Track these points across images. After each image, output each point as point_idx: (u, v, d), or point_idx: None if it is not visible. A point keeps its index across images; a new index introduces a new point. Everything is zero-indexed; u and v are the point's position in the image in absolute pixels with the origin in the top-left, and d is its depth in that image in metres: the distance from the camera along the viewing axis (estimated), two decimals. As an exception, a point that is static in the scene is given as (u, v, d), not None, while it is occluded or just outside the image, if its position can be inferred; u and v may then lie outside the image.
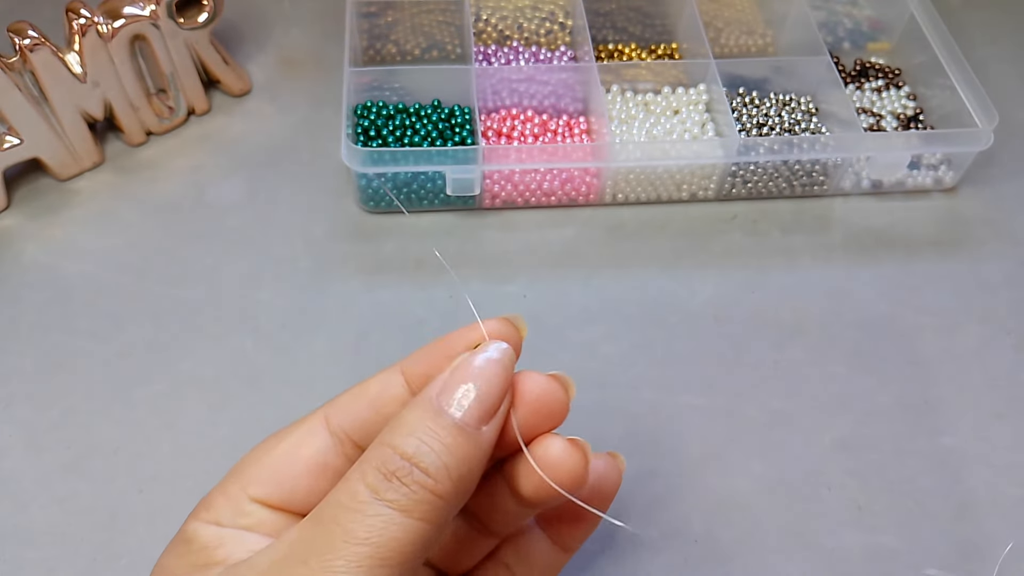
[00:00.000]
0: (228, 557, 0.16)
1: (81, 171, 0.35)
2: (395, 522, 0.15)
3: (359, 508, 0.15)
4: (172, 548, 0.17)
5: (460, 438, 0.15)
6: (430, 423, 0.15)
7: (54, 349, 0.29)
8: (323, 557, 0.14)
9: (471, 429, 0.15)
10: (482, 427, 0.16)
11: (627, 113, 0.36)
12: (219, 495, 0.17)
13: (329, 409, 0.18)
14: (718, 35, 0.40)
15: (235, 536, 0.17)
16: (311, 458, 0.17)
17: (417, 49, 0.39)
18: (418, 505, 0.15)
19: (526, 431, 0.17)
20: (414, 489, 0.15)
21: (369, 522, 0.15)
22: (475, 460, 0.15)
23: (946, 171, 0.35)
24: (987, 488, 0.27)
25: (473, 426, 0.15)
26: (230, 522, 0.17)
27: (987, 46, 0.41)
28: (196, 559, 0.16)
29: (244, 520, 0.17)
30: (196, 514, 0.17)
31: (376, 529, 0.15)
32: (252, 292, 0.31)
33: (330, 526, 0.15)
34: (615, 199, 0.35)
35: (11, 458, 0.27)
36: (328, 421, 0.18)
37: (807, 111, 0.37)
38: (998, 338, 0.31)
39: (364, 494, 0.15)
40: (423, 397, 0.16)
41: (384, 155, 0.32)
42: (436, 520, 0.15)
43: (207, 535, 0.17)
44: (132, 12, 0.32)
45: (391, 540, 0.15)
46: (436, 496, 0.15)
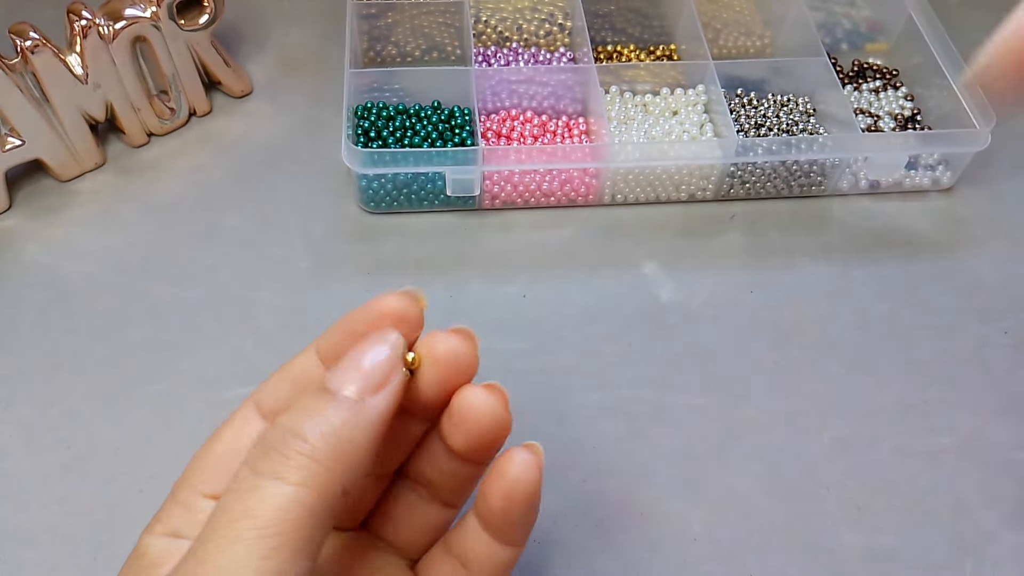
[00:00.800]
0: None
1: (82, 172, 0.35)
2: (273, 492, 0.15)
3: (238, 487, 0.15)
4: (126, 565, 0.17)
5: (341, 407, 0.16)
6: (312, 400, 0.16)
7: (54, 349, 0.30)
8: (224, 541, 0.15)
9: (351, 399, 0.16)
10: (366, 397, 0.16)
11: (626, 114, 0.36)
12: (171, 505, 0.18)
13: (258, 395, 0.19)
14: (716, 36, 0.40)
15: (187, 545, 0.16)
16: (250, 444, 0.17)
17: (417, 50, 0.39)
18: (294, 471, 0.15)
19: (445, 389, 0.18)
20: (288, 455, 0.15)
21: (247, 497, 0.15)
22: (357, 428, 0.16)
23: (943, 171, 0.35)
24: (986, 488, 0.27)
25: (354, 397, 0.16)
26: (188, 530, 0.17)
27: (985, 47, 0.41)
28: (147, 574, 0.16)
29: (199, 517, 0.17)
30: (150, 528, 0.17)
31: (254, 502, 0.15)
32: (252, 292, 0.31)
33: (217, 514, 0.15)
34: (614, 199, 0.35)
35: (11, 458, 0.27)
36: (259, 407, 0.18)
37: (805, 112, 0.37)
38: (996, 338, 0.31)
39: (244, 472, 0.15)
40: (316, 383, 0.17)
41: (384, 156, 0.32)
42: (318, 485, 0.15)
43: (158, 548, 0.17)
44: (133, 14, 0.32)
45: (272, 509, 0.15)
46: (313, 460, 0.15)
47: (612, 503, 0.27)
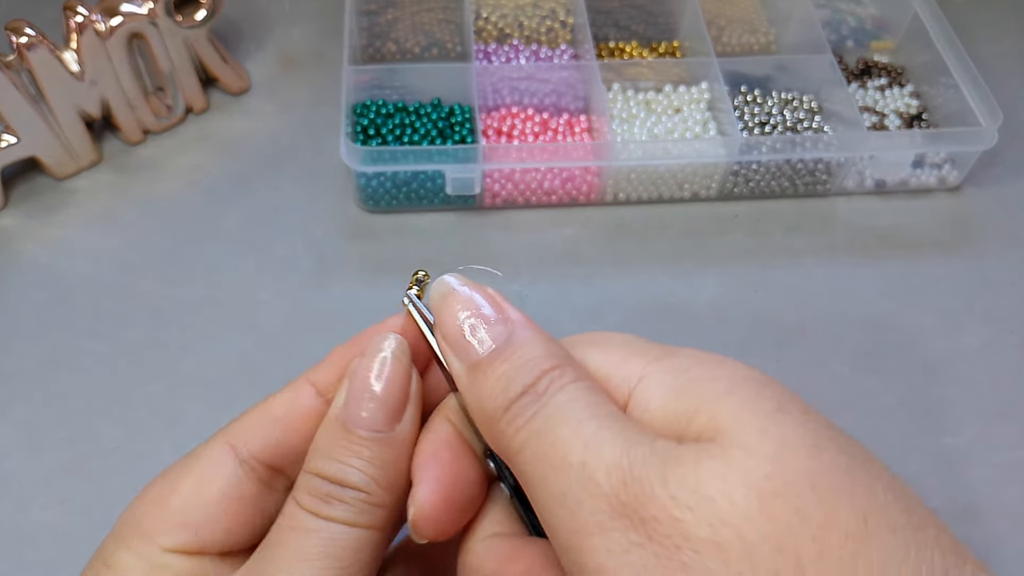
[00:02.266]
0: None
1: (79, 170, 0.34)
2: (344, 533, 0.15)
3: (305, 527, 0.15)
4: None
5: (376, 448, 0.15)
6: (343, 443, 0.15)
7: (53, 349, 0.29)
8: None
9: (383, 435, 0.15)
10: (394, 427, 0.15)
11: (628, 112, 0.36)
12: (124, 552, 0.16)
13: (231, 436, 0.17)
14: (720, 33, 0.39)
15: None
16: (223, 493, 0.16)
17: (417, 47, 0.39)
18: (361, 516, 0.15)
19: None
20: (352, 503, 0.15)
21: (316, 538, 0.15)
22: (399, 458, 0.16)
23: (950, 170, 0.35)
24: (991, 488, 0.27)
25: (385, 430, 0.15)
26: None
27: (991, 44, 0.40)
28: None
29: (161, 574, 0.16)
30: (99, 573, 0.16)
31: (324, 543, 0.15)
32: (252, 291, 0.31)
33: (277, 550, 0.15)
34: (616, 198, 0.34)
35: (11, 458, 0.27)
36: (235, 449, 0.17)
37: (810, 110, 0.37)
38: (1002, 338, 0.31)
39: (305, 517, 0.15)
40: (329, 417, 0.16)
41: (384, 154, 0.31)
42: (381, 525, 0.15)
43: None
44: (130, 10, 0.32)
45: (342, 550, 0.15)
46: (375, 505, 0.15)
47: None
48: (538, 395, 0.14)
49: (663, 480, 0.12)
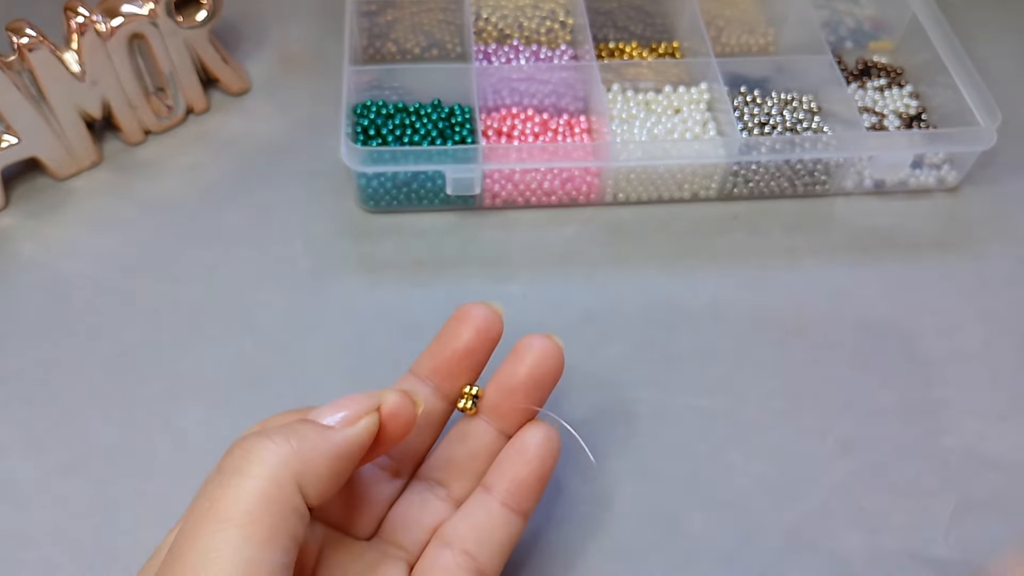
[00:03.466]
0: None
1: (79, 170, 0.35)
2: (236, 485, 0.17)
3: (206, 487, 0.18)
4: None
5: (312, 426, 0.18)
6: (294, 421, 0.19)
7: (52, 348, 0.29)
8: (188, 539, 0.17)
9: (326, 424, 0.19)
10: (339, 426, 0.18)
11: (628, 112, 0.36)
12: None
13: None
14: (719, 34, 0.39)
15: None
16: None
17: (417, 48, 0.39)
18: (254, 465, 0.17)
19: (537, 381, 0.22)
20: (250, 451, 0.18)
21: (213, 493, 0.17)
22: (322, 442, 0.18)
23: (949, 170, 0.35)
24: (990, 489, 0.27)
25: (330, 424, 0.18)
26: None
27: (990, 45, 0.41)
28: None
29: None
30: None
31: (219, 498, 0.17)
32: (251, 292, 0.31)
33: (188, 514, 0.18)
34: (616, 199, 0.34)
35: (9, 458, 0.27)
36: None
37: (809, 110, 0.37)
38: (1001, 338, 0.31)
39: (212, 474, 0.18)
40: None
41: (384, 154, 0.31)
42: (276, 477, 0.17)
43: None
44: (130, 11, 0.32)
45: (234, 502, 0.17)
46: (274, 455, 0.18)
47: (612, 504, 0.27)
48: None
49: None
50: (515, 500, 0.21)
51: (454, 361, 0.22)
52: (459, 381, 0.22)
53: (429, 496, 0.22)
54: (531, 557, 0.25)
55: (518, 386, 0.22)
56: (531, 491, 0.22)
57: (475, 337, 0.22)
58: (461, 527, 0.21)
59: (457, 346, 0.22)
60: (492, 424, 0.23)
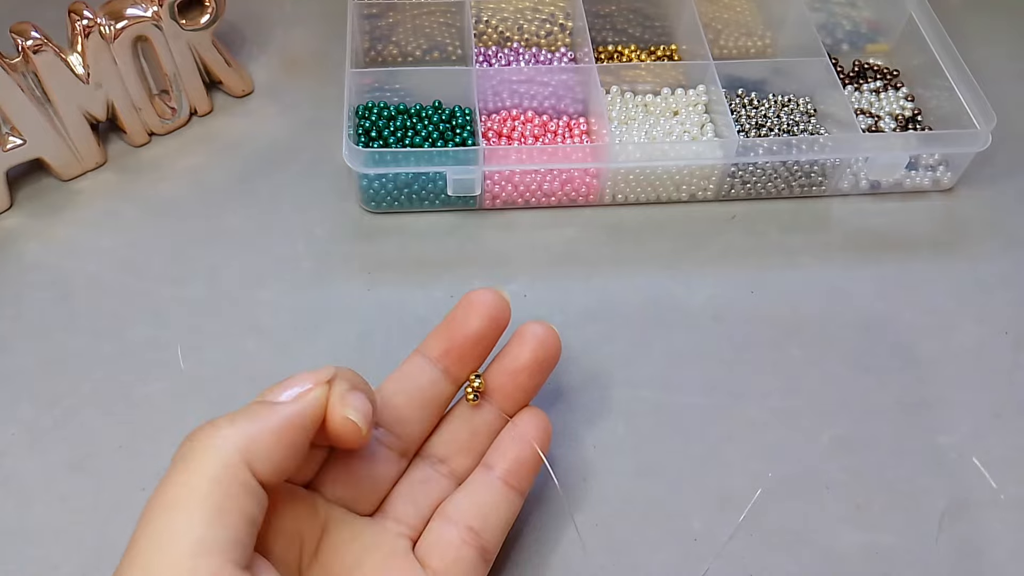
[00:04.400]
0: None
1: (84, 171, 0.35)
2: (180, 468, 0.18)
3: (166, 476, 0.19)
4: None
5: (253, 404, 0.20)
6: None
7: (56, 348, 0.30)
8: (144, 534, 0.17)
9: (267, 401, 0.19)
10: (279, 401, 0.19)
11: (627, 114, 0.36)
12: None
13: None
14: (717, 36, 0.40)
15: None
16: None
17: (418, 50, 0.39)
18: (196, 449, 0.18)
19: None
20: (195, 438, 0.19)
21: (164, 482, 0.18)
22: (265, 417, 0.19)
23: (944, 172, 0.35)
24: (985, 487, 0.27)
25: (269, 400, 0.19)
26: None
27: (985, 47, 0.41)
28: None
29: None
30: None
31: (168, 485, 0.18)
32: (254, 292, 0.31)
33: (144, 511, 0.18)
34: (615, 200, 0.35)
35: (14, 456, 0.27)
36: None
37: (806, 112, 0.37)
38: (995, 338, 0.31)
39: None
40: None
41: (385, 156, 0.32)
42: (219, 457, 0.18)
43: None
44: (134, 13, 0.32)
45: (175, 485, 0.18)
46: (216, 436, 0.18)
47: (612, 502, 0.27)
48: None
49: None
50: (515, 479, 0.23)
51: (466, 347, 0.23)
52: (469, 366, 0.23)
53: (432, 473, 0.23)
54: (531, 556, 0.25)
55: (521, 369, 0.23)
56: (531, 471, 0.23)
57: (485, 324, 0.23)
58: (464, 503, 0.22)
59: (468, 332, 0.23)
60: (494, 404, 0.24)
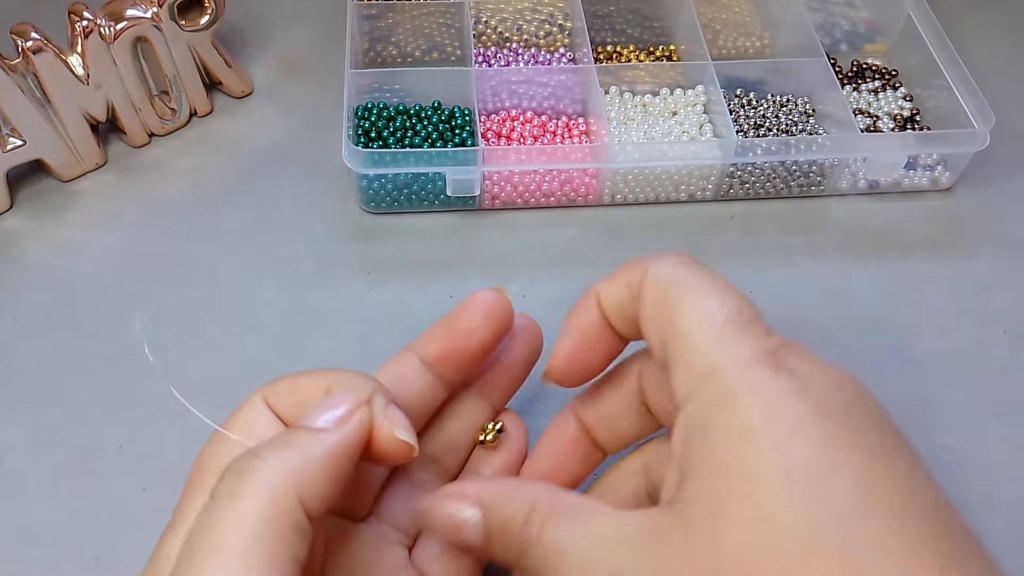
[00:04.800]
0: None
1: (84, 172, 0.35)
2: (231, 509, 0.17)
3: (204, 510, 0.17)
4: (153, 564, 0.18)
5: (300, 433, 0.18)
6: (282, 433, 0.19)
7: (57, 349, 0.30)
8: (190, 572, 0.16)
9: (314, 428, 0.18)
10: (327, 428, 0.18)
11: (625, 114, 0.37)
12: (189, 505, 0.19)
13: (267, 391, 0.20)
14: (716, 37, 0.40)
15: None
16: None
17: (417, 51, 0.39)
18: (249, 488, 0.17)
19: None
20: (244, 473, 0.17)
21: (206, 520, 0.17)
22: (314, 450, 0.17)
23: (942, 171, 0.36)
24: (984, 487, 0.27)
25: (315, 427, 0.18)
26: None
27: (984, 47, 0.41)
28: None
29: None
30: (174, 528, 0.18)
31: (215, 523, 0.16)
32: (254, 292, 0.32)
33: (185, 546, 0.17)
34: (614, 200, 0.35)
35: (15, 457, 0.27)
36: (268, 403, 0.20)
37: (804, 112, 0.37)
38: (994, 338, 0.31)
39: (209, 500, 0.17)
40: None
41: (385, 156, 0.32)
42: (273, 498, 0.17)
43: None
44: (134, 14, 0.32)
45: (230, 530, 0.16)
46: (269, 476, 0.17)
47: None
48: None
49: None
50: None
51: (466, 356, 0.22)
52: (466, 374, 0.22)
53: (425, 475, 0.23)
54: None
55: (513, 365, 0.24)
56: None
57: (488, 332, 0.22)
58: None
59: (469, 341, 0.21)
60: (485, 400, 0.23)
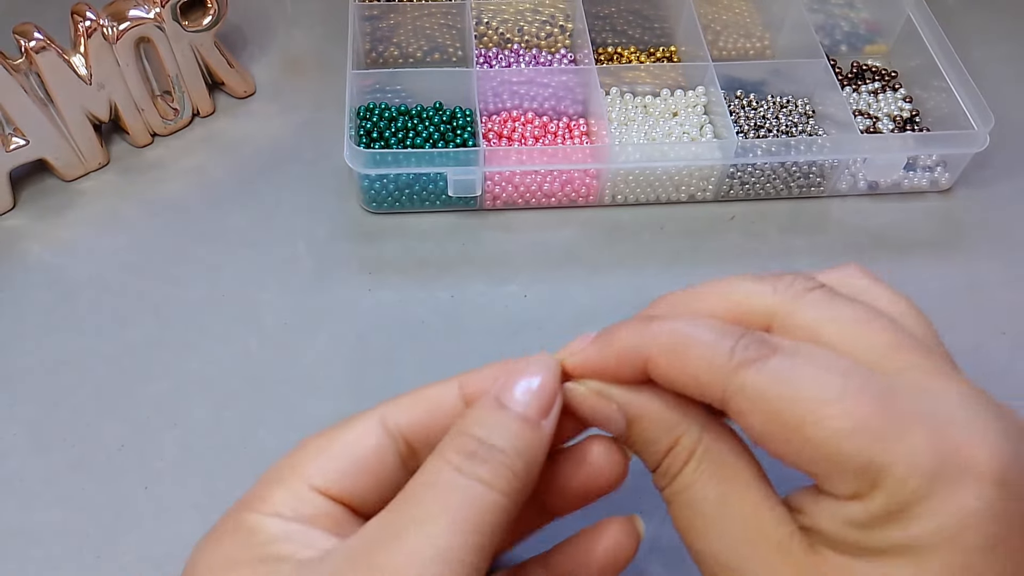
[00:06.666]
0: (295, 553, 0.16)
1: (86, 172, 0.35)
2: (481, 494, 0.16)
3: (450, 482, 0.16)
4: (231, 538, 0.17)
5: (524, 427, 0.17)
6: (497, 414, 0.17)
7: (59, 348, 0.30)
8: (421, 528, 0.15)
9: (532, 420, 0.17)
10: (541, 420, 0.17)
11: (626, 115, 0.37)
12: (277, 487, 0.17)
13: (384, 410, 0.19)
14: (716, 38, 0.40)
15: (300, 531, 0.17)
16: (371, 454, 0.18)
17: (419, 52, 0.40)
18: (500, 479, 0.16)
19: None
20: (495, 465, 0.16)
21: (455, 495, 0.16)
22: (538, 449, 0.17)
23: (942, 172, 0.36)
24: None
25: (534, 418, 0.17)
26: (292, 514, 0.17)
27: (983, 48, 0.41)
28: (263, 551, 0.16)
29: (306, 509, 0.17)
30: (252, 506, 0.17)
31: (461, 500, 0.16)
32: (255, 292, 0.32)
33: (414, 504, 0.16)
34: (614, 200, 0.35)
35: (17, 456, 0.27)
36: (384, 421, 0.18)
37: (804, 113, 0.37)
38: (993, 339, 0.31)
39: (451, 471, 0.16)
40: (487, 397, 0.17)
41: (386, 157, 0.32)
42: (514, 496, 0.16)
43: (273, 528, 0.17)
44: (137, 15, 0.32)
45: (477, 511, 0.16)
46: (513, 473, 0.16)
47: (612, 502, 0.27)
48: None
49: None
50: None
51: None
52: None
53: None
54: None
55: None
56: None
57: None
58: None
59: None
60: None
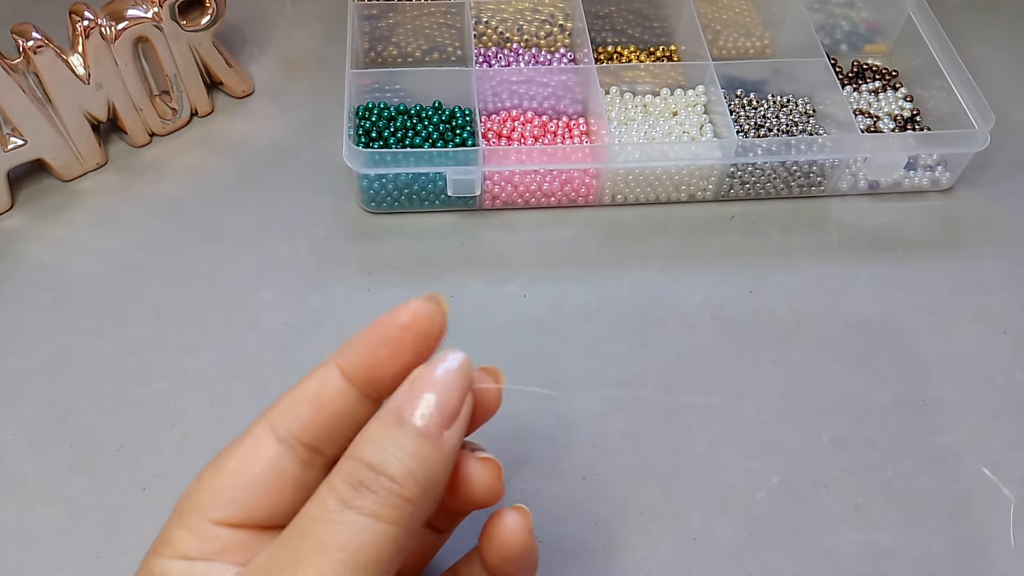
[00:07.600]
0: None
1: (85, 172, 0.35)
2: (367, 527, 0.15)
3: (329, 518, 0.15)
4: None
5: (423, 444, 0.16)
6: (393, 432, 0.16)
7: (57, 348, 0.30)
8: (293, 570, 0.15)
9: (433, 435, 0.16)
10: (443, 432, 0.16)
11: (626, 115, 0.37)
12: (178, 528, 0.17)
13: (270, 417, 0.18)
14: (716, 37, 0.40)
15: (206, 569, 0.16)
16: (265, 469, 0.17)
17: (418, 51, 0.40)
18: (388, 509, 0.15)
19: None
20: (382, 495, 0.15)
21: (339, 529, 0.15)
22: (439, 464, 0.16)
23: (943, 172, 0.36)
24: (984, 487, 0.27)
25: (435, 433, 0.16)
26: (198, 553, 0.17)
27: (984, 47, 0.41)
28: None
29: (211, 546, 0.16)
30: (159, 551, 0.17)
31: (347, 535, 0.15)
32: (254, 292, 0.32)
33: (300, 540, 0.15)
34: (614, 200, 0.35)
35: (15, 457, 0.27)
36: (273, 429, 0.18)
37: (805, 112, 0.37)
38: (994, 338, 0.31)
39: (333, 504, 0.15)
40: (385, 409, 0.16)
41: (385, 156, 0.32)
42: (407, 524, 0.16)
43: (177, 571, 0.16)
44: (135, 14, 0.32)
45: (363, 546, 0.15)
46: (405, 500, 0.15)
47: (612, 502, 0.27)
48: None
49: None
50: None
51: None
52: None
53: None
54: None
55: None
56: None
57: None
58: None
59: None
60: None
